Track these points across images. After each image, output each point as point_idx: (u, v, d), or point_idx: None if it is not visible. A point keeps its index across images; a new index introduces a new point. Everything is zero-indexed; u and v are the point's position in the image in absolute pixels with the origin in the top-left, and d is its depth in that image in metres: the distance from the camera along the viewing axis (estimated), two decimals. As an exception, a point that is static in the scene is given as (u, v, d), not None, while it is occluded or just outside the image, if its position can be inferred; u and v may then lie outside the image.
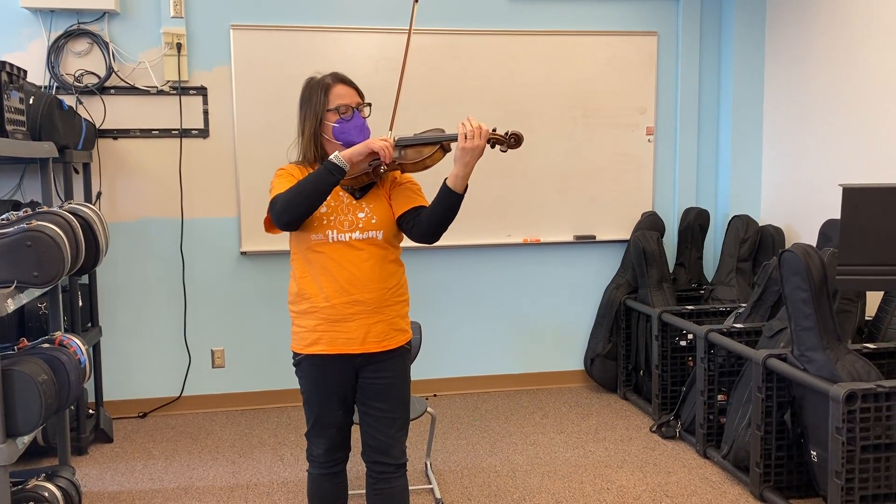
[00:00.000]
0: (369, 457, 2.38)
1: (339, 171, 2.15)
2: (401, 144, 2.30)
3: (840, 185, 2.42)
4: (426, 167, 2.28)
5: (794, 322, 3.06)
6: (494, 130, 2.22)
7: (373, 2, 4.45)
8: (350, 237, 2.27)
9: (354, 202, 2.31)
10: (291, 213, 2.16)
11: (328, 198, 2.26)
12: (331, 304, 2.27)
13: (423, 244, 2.36)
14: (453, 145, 2.23)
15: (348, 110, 2.31)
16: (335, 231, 2.27)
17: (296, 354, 2.37)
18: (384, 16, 4.45)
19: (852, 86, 3.94)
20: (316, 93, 2.32)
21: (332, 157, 2.17)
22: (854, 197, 2.41)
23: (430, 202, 2.31)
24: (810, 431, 3.02)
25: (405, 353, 2.41)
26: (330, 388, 2.34)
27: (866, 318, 3.58)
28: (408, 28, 2.33)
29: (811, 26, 4.26)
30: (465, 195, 2.22)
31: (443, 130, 2.34)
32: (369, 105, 2.38)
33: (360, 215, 2.29)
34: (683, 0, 4.74)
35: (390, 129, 2.27)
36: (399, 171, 2.36)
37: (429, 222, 2.26)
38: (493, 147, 2.23)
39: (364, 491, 2.48)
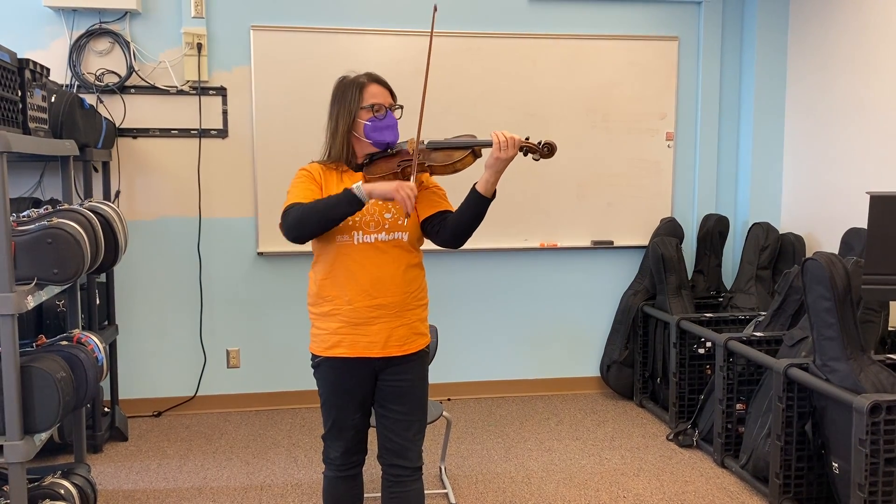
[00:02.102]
0: (386, 460, 2.36)
1: (358, 203, 2.15)
2: (431, 147, 2.30)
3: (868, 192, 2.38)
4: (456, 170, 2.28)
5: (816, 331, 3.01)
6: (527, 139, 2.22)
7: (393, 4, 4.44)
8: (376, 238, 2.26)
9: (380, 203, 2.30)
10: (301, 230, 2.17)
11: None
12: (353, 307, 2.26)
13: (445, 248, 2.35)
14: (484, 151, 2.23)
15: (381, 109, 2.31)
16: (361, 232, 2.26)
17: (315, 356, 2.35)
18: (404, 18, 4.44)
19: (876, 92, 3.89)
20: (350, 90, 2.32)
21: (354, 187, 2.14)
22: (881, 205, 2.37)
23: (455, 208, 2.31)
24: (832, 442, 2.97)
25: (424, 357, 2.40)
26: (349, 390, 2.33)
27: (889, 328, 3.53)
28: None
29: (834, 31, 4.21)
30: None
31: (474, 136, 2.34)
32: (401, 107, 2.37)
33: (387, 216, 2.28)
34: (705, 5, 4.70)
35: (417, 136, 2.26)
36: (428, 174, 2.34)
37: (455, 226, 2.26)
38: (525, 155, 2.24)
39: (379, 494, 2.46)
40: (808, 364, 3.07)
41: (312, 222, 2.15)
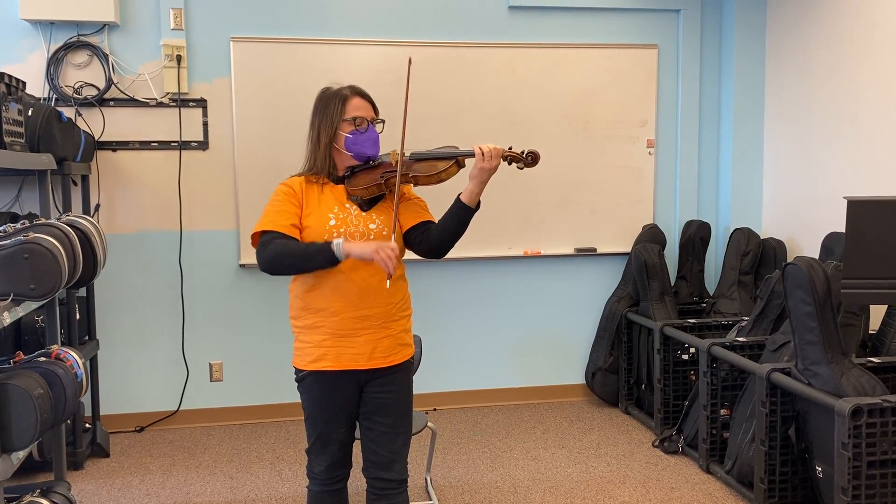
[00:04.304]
0: (371, 473, 2.34)
1: (334, 261, 2.14)
2: (414, 158, 2.31)
3: (845, 197, 2.40)
4: (440, 181, 2.29)
5: (797, 336, 3.03)
6: (510, 149, 2.26)
7: (373, 14, 4.45)
8: None
9: (363, 214, 2.30)
10: (274, 268, 2.18)
11: (337, 209, 2.26)
12: (339, 319, 2.24)
13: (429, 258, 2.35)
14: (467, 161, 2.24)
15: (363, 122, 2.31)
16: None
17: (298, 371, 2.33)
18: (385, 28, 4.45)
19: (854, 97, 3.93)
20: (333, 102, 2.32)
21: (334, 244, 2.12)
22: (859, 210, 2.39)
23: (437, 219, 2.32)
24: (815, 446, 2.99)
25: (409, 368, 2.39)
26: (335, 405, 2.31)
27: (870, 331, 3.56)
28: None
29: (812, 38, 4.25)
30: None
31: (456, 147, 2.35)
32: (383, 121, 2.38)
33: (372, 227, 2.28)
34: (683, 13, 4.74)
35: (401, 148, 2.26)
36: (412, 185, 2.35)
37: (439, 236, 2.28)
38: (509, 164, 2.28)
39: (364, 507, 2.44)
40: (791, 368, 3.09)
41: (287, 265, 2.18)
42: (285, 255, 2.16)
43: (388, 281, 2.16)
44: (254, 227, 2.28)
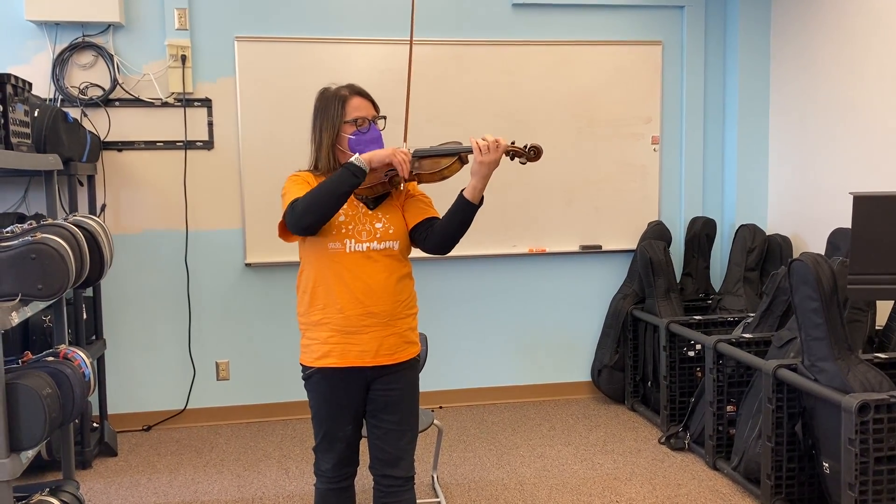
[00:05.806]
0: (378, 470, 2.35)
1: (361, 172, 2.17)
2: (417, 155, 2.32)
3: (851, 193, 2.40)
4: (444, 178, 2.29)
5: (804, 332, 3.03)
6: (513, 143, 2.24)
7: (377, 13, 4.45)
8: (368, 247, 2.27)
9: (370, 212, 2.31)
10: (313, 214, 2.14)
11: (345, 206, 2.26)
12: (345, 316, 2.25)
13: (434, 255, 2.36)
14: (471, 157, 2.24)
15: (365, 122, 2.32)
16: (353, 241, 2.26)
17: (305, 368, 2.34)
18: (388, 27, 4.45)
19: (859, 93, 3.92)
20: (333, 104, 2.33)
21: (352, 158, 2.18)
22: (865, 205, 2.38)
23: (442, 215, 2.33)
24: (822, 443, 2.98)
25: (415, 365, 2.40)
26: (341, 402, 2.32)
27: (876, 327, 3.55)
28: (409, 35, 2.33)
29: (817, 34, 4.24)
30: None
31: (459, 143, 2.35)
32: (384, 118, 2.38)
33: (378, 225, 2.29)
34: (688, 9, 4.73)
35: (404, 142, 2.27)
36: (416, 182, 2.35)
37: (443, 233, 2.28)
38: (512, 159, 2.28)
39: (371, 505, 2.44)
40: (797, 365, 3.09)
41: (323, 202, 2.14)
42: (315, 197, 2.14)
43: (402, 184, 2.29)
44: (266, 226, 2.30)
